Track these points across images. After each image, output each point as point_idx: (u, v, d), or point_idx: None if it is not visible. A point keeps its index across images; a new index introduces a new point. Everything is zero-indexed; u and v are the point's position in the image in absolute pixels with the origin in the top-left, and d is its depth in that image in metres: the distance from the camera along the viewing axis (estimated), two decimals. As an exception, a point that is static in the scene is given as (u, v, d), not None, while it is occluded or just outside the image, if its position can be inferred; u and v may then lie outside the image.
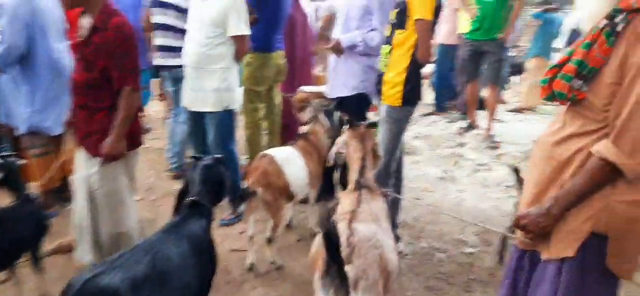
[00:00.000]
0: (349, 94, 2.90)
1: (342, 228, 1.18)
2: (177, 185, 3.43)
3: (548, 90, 1.35)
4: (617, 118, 1.17)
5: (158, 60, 3.43)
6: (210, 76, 2.75)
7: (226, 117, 2.87)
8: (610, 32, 1.19)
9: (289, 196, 2.51)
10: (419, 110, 4.08)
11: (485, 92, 4.85)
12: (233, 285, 2.32)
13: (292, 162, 2.56)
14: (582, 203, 1.23)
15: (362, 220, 1.42)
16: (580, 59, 1.24)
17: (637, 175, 1.16)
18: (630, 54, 1.15)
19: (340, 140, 2.02)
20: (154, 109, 5.12)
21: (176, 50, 3.18)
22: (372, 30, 2.77)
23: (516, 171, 2.51)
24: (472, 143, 4.52)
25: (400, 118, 2.46)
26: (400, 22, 2.37)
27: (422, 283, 2.35)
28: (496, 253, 2.50)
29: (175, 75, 3.38)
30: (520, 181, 2.52)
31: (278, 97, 3.59)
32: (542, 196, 1.34)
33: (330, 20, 6.00)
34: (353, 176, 1.84)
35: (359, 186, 1.75)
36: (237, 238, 2.76)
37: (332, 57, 3.01)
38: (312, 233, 2.77)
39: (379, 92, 2.54)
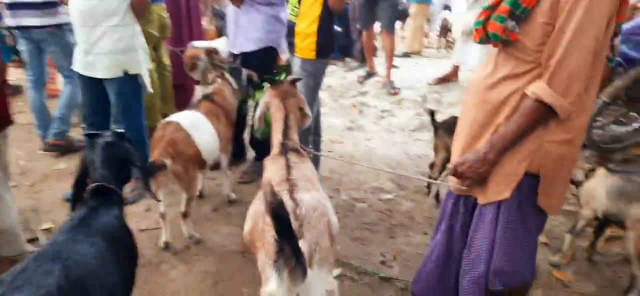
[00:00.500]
0: (254, 48, 2.70)
1: (285, 201, 1.05)
2: (59, 163, 3.04)
3: (482, 32, 1.32)
4: (550, 59, 1.17)
5: (8, 19, 2.85)
6: (102, 36, 2.25)
7: (128, 84, 2.38)
8: None
9: (201, 164, 2.30)
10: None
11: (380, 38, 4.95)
12: (149, 268, 2.08)
13: (200, 127, 2.33)
14: (516, 146, 1.25)
15: (302, 188, 1.31)
16: None
17: (569, 114, 1.19)
18: None
19: (262, 100, 1.85)
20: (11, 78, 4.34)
21: (30, 7, 2.71)
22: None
23: (432, 114, 2.58)
24: (373, 91, 4.61)
25: (315, 71, 2.35)
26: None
27: (348, 235, 2.34)
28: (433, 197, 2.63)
29: (30, 36, 2.86)
30: (435, 125, 2.62)
31: (166, 56, 3.23)
32: (476, 141, 1.33)
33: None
34: (276, 138, 1.70)
35: (285, 149, 1.63)
36: (144, 217, 2.48)
37: (230, 9, 2.75)
38: (228, 200, 2.60)
39: (291, 44, 2.39)
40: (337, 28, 6.27)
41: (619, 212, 1.89)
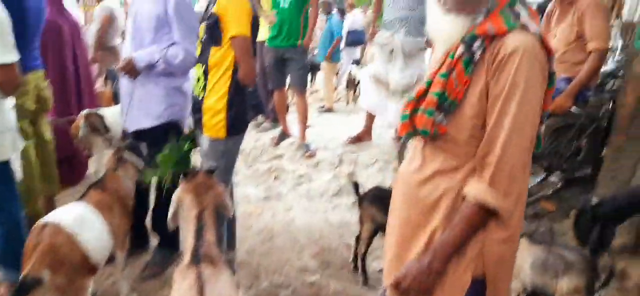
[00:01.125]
0: (152, 125, 2.38)
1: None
2: None
3: (409, 127, 1.20)
4: (487, 156, 1.08)
5: None
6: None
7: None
8: (468, 60, 1.10)
9: (90, 270, 1.90)
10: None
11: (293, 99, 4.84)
12: None
13: (88, 224, 1.94)
14: (460, 251, 1.13)
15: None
16: (439, 90, 1.12)
17: (511, 214, 1.09)
18: (491, 85, 1.07)
19: (174, 197, 1.56)
20: None
21: None
22: (172, 44, 2.31)
23: (356, 186, 2.47)
24: (288, 153, 4.43)
25: (227, 151, 2.10)
26: (213, 38, 1.99)
27: (273, 335, 2.05)
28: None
29: None
30: (360, 197, 2.49)
31: (47, 130, 2.77)
32: (410, 244, 1.22)
33: (109, 22, 5.16)
34: (188, 243, 1.41)
35: (197, 258, 1.34)
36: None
37: (124, 80, 2.42)
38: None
39: (197, 121, 2.12)
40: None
41: (545, 286, 1.85)
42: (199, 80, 2.08)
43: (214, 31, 1.97)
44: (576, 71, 2.83)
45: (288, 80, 4.69)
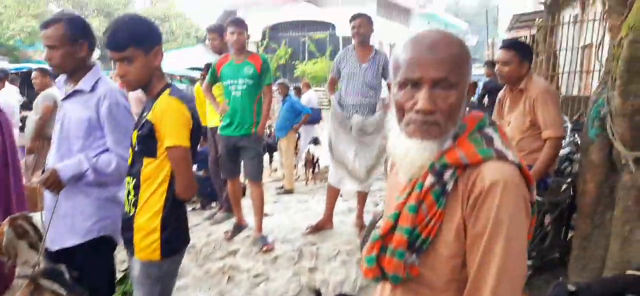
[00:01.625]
0: (80, 242, 2.07)
1: None
2: None
3: (376, 271, 1.00)
4: None
5: None
6: None
7: None
8: (440, 192, 0.94)
9: None
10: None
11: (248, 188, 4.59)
12: None
13: None
14: None
15: None
16: (409, 226, 0.95)
17: None
18: (470, 223, 0.91)
19: None
20: None
21: None
22: (104, 151, 2.06)
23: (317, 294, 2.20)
24: (243, 249, 4.10)
25: (163, 276, 1.81)
26: (146, 147, 1.76)
27: None
28: None
29: None
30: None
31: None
32: None
33: (51, 112, 4.83)
34: None
35: None
36: None
37: (47, 194, 2.13)
38: None
39: (128, 241, 1.83)
40: (198, 172, 5.86)
41: None
42: (129, 194, 1.82)
43: (147, 140, 1.75)
44: (533, 159, 2.78)
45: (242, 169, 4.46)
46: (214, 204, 5.47)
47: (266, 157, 8.31)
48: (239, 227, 4.44)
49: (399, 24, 24.32)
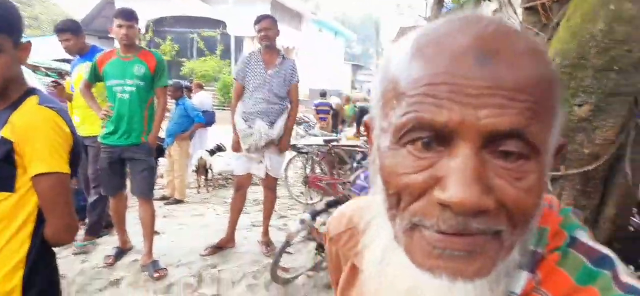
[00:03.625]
0: None
1: None
2: None
3: None
4: None
5: None
6: None
7: None
8: None
9: None
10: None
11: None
12: None
13: None
14: None
15: None
16: None
17: None
18: None
19: None
20: None
21: None
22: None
23: None
24: (129, 276, 3.50)
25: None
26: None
27: None
28: None
29: None
30: None
31: None
32: None
33: None
34: None
35: None
36: None
37: None
38: None
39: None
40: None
41: None
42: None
43: (0, 168, 1.23)
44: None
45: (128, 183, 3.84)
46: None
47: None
48: (122, 251, 3.81)
49: (293, 29, 24.35)
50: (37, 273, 1.27)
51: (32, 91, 1.30)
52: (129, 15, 3.38)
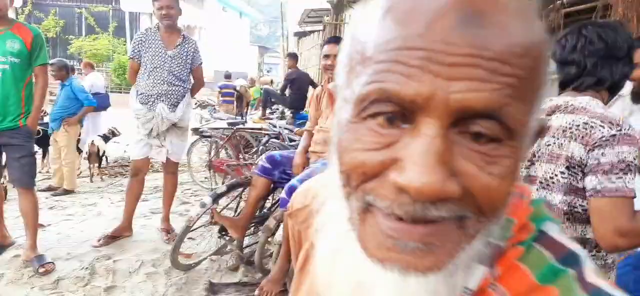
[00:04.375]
0: None
1: None
2: None
3: None
4: None
5: None
6: None
7: None
8: None
9: None
10: None
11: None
12: None
13: None
14: None
15: None
16: None
17: None
18: None
19: None
20: None
21: None
22: None
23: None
24: (10, 273, 3.17)
25: None
26: None
27: None
28: None
29: None
30: None
31: None
32: None
33: None
34: None
35: None
36: None
37: None
38: None
39: None
40: None
41: None
42: None
43: None
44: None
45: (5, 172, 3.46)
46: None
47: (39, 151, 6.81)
48: (0, 246, 3.44)
49: (193, 7, 23.31)
50: None
51: None
52: None
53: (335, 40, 3.12)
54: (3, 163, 3.39)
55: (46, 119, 6.44)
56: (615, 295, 0.42)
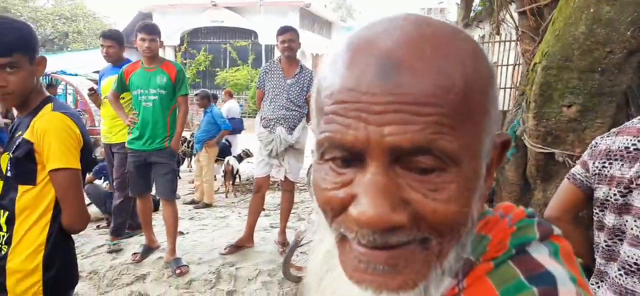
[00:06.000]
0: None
1: None
2: None
3: None
4: None
5: None
6: None
7: None
8: None
9: None
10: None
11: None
12: None
13: None
14: None
15: None
16: None
17: None
18: None
19: None
20: None
21: None
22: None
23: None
24: (154, 273, 3.74)
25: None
26: (23, 172, 1.46)
27: None
28: None
29: None
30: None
31: None
32: None
33: None
34: None
35: None
36: None
37: None
38: None
39: (-2, 288, 1.51)
40: (103, 185, 5.35)
41: None
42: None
43: (24, 164, 1.45)
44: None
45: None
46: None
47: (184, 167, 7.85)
48: (149, 249, 4.07)
49: (322, 37, 24.66)
50: (56, 254, 1.48)
51: (49, 99, 1.51)
52: (151, 30, 3.65)
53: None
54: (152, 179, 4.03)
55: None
56: None
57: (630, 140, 1.37)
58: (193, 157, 7.25)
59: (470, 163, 0.43)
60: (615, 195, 1.38)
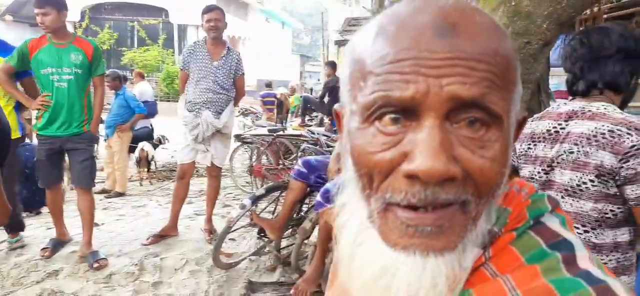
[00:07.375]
0: None
1: None
2: None
3: None
4: None
5: None
6: None
7: None
8: None
9: None
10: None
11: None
12: None
13: None
14: None
15: None
16: None
17: None
18: None
19: None
20: None
21: None
22: None
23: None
24: (67, 268, 3.44)
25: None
26: None
27: None
28: None
29: None
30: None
31: None
32: None
33: None
34: None
35: None
36: None
37: None
38: None
39: None
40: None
41: None
42: None
43: None
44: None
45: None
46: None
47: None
48: (60, 242, 3.74)
49: (238, 19, 24.04)
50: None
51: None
52: (41, 2, 3.19)
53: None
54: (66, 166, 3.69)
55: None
56: (606, 280, 0.45)
57: (552, 124, 1.53)
58: (102, 142, 6.72)
59: (509, 127, 0.47)
60: (539, 173, 1.54)
